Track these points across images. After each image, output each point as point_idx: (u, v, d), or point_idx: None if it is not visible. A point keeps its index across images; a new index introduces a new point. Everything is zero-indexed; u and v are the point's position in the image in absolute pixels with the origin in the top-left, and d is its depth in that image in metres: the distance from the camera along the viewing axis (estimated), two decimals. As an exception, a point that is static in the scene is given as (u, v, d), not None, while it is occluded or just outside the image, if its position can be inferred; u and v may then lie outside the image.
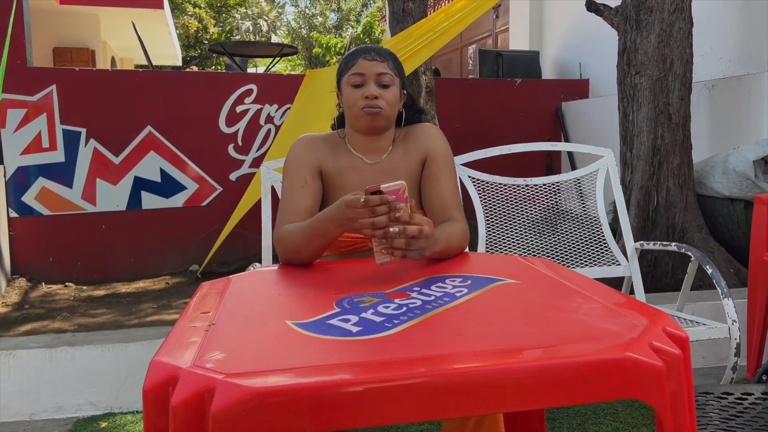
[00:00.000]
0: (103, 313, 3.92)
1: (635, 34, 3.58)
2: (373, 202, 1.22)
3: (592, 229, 2.49)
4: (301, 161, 1.56)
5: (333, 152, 1.59)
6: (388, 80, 1.52)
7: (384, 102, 1.52)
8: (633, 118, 3.63)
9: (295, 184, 1.54)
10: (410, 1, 4.89)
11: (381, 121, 1.53)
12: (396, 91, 1.55)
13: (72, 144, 4.60)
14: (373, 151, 1.59)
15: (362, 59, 1.53)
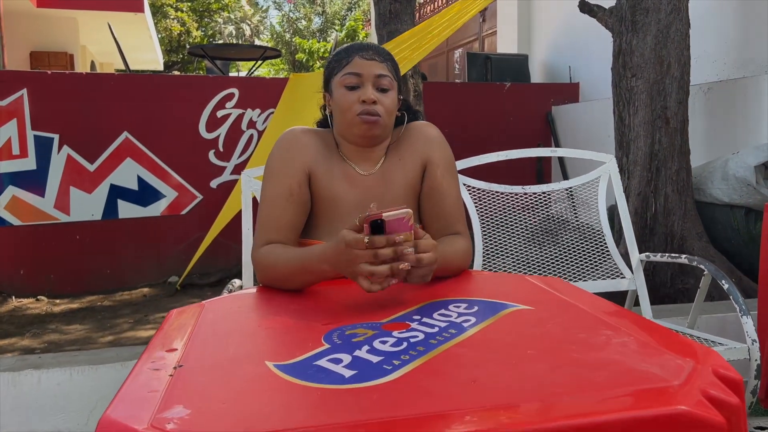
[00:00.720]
0: (76, 329, 3.72)
1: (631, 35, 3.46)
2: (378, 244, 1.05)
3: (595, 240, 2.35)
4: (288, 165, 1.34)
5: (326, 154, 1.39)
6: (388, 84, 1.34)
7: (383, 109, 1.33)
8: (629, 123, 3.51)
9: (279, 193, 1.33)
10: (397, 2, 4.75)
11: (378, 130, 1.34)
12: (395, 97, 1.37)
13: (44, 151, 4.39)
14: (366, 160, 1.40)
15: (359, 57, 1.34)
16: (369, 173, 1.39)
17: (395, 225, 1.06)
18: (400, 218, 1.06)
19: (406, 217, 1.07)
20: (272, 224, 1.32)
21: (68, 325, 3.83)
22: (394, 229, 1.06)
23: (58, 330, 3.71)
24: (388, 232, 1.05)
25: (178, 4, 19.11)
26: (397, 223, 1.06)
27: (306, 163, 1.35)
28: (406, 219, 1.07)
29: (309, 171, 1.36)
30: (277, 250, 1.26)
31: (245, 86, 4.86)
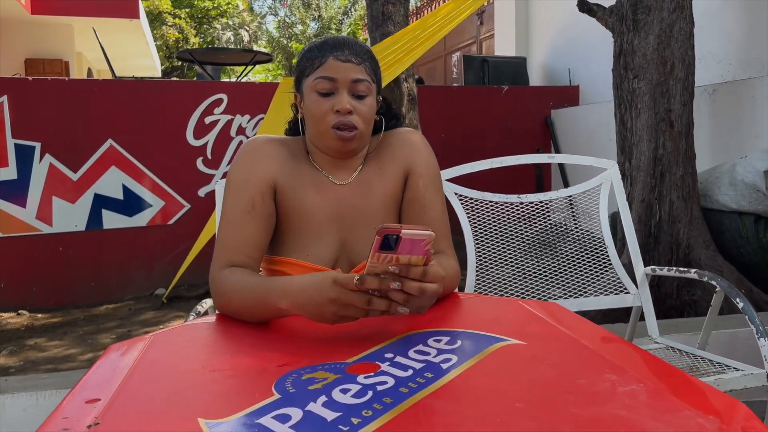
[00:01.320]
0: (55, 346, 3.56)
1: (632, 35, 3.31)
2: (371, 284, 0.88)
3: (596, 252, 2.19)
4: (249, 176, 1.19)
5: (292, 162, 1.23)
6: (365, 89, 1.18)
7: (360, 119, 1.18)
8: (631, 126, 3.35)
9: (239, 207, 1.18)
10: (390, 4, 4.60)
11: (355, 143, 1.20)
12: (373, 102, 1.21)
13: (25, 160, 4.24)
14: (341, 169, 1.25)
15: (333, 58, 1.17)
16: (344, 182, 1.24)
17: (410, 246, 0.88)
18: (420, 240, 0.88)
19: (426, 239, 0.89)
20: (232, 242, 1.16)
21: (48, 341, 3.67)
22: (408, 250, 0.88)
23: (36, 347, 3.55)
24: (399, 251, 0.88)
25: (176, 11, 19.05)
26: (413, 245, 0.88)
27: (270, 174, 1.20)
28: (425, 242, 0.89)
29: (274, 182, 1.21)
30: (235, 277, 1.10)
31: (234, 91, 4.71)
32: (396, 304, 0.91)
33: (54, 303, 4.36)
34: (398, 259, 0.88)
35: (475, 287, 2.07)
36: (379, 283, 0.88)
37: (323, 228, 1.21)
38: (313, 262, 1.20)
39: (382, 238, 0.85)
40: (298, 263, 1.20)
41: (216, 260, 1.16)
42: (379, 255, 0.86)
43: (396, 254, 0.87)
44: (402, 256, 0.88)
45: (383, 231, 0.85)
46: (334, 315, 0.91)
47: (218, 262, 1.15)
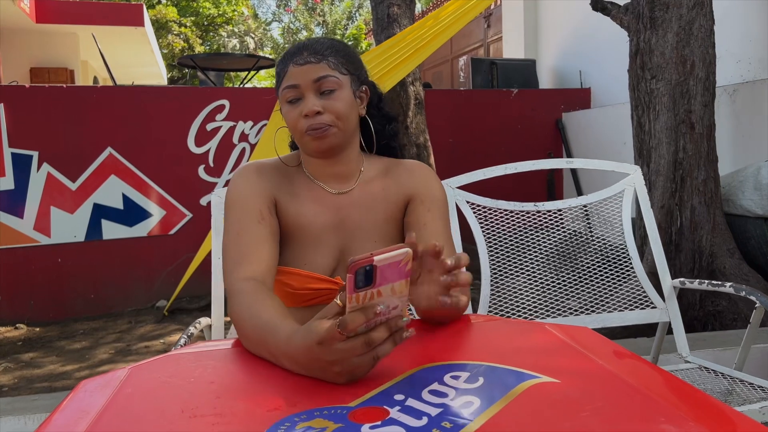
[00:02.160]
0: (51, 362, 3.44)
1: (650, 33, 3.17)
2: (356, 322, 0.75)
3: (619, 264, 2.04)
4: (251, 191, 1.17)
5: (287, 179, 1.23)
6: (332, 84, 1.16)
7: (331, 115, 1.15)
8: (650, 129, 3.20)
9: (247, 219, 1.14)
10: (396, 6, 4.48)
11: (333, 139, 1.17)
12: (347, 94, 1.17)
13: (22, 169, 4.14)
14: (336, 177, 1.23)
15: (292, 65, 1.16)
16: (341, 191, 1.23)
17: (389, 273, 0.76)
18: (396, 262, 0.76)
19: (402, 258, 0.77)
20: (250, 253, 1.11)
21: (45, 357, 3.54)
22: (387, 279, 0.76)
23: (32, 363, 3.43)
24: (378, 283, 0.75)
25: (181, 19, 19.05)
26: (391, 270, 0.76)
27: (269, 190, 1.19)
28: (403, 262, 0.77)
29: (274, 196, 1.20)
30: (250, 299, 1.01)
31: (236, 97, 4.59)
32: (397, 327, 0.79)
33: (52, 316, 4.25)
34: (380, 293, 0.76)
35: (489, 300, 1.94)
36: (364, 315, 0.75)
37: (321, 236, 1.20)
38: (311, 269, 1.18)
39: (354, 275, 0.73)
40: (296, 272, 1.18)
41: (233, 270, 1.09)
42: (357, 295, 0.74)
43: (376, 288, 0.75)
44: (383, 288, 0.76)
45: (353, 266, 0.73)
46: (342, 376, 0.79)
47: (236, 271, 1.08)
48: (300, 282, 1.17)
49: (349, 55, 1.21)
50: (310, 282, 1.17)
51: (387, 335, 0.77)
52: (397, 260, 0.75)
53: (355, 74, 1.20)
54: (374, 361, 0.78)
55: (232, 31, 21.08)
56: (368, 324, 0.75)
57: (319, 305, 1.19)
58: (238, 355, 0.99)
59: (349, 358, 0.76)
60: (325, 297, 1.19)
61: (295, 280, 1.18)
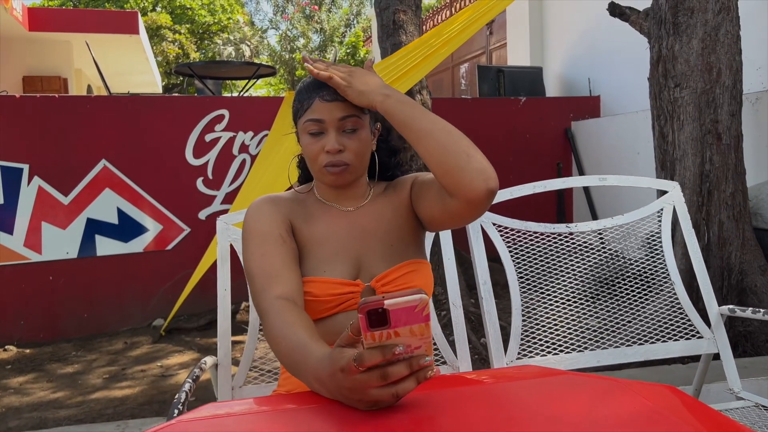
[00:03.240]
0: (41, 388, 3.24)
1: (673, 39, 3.01)
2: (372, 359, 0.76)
3: (662, 290, 1.87)
4: (268, 219, 1.21)
5: (300, 206, 1.28)
6: (353, 123, 1.19)
7: (351, 154, 1.20)
8: (673, 139, 3.05)
9: (272, 241, 1.18)
10: (402, 12, 4.33)
11: (349, 177, 1.22)
12: (365, 134, 1.22)
13: (12, 183, 3.95)
14: (347, 198, 1.29)
15: (319, 100, 1.18)
16: (353, 209, 1.28)
17: (405, 316, 0.74)
18: (411, 306, 0.74)
19: (418, 304, 0.74)
20: (275, 272, 1.14)
21: (34, 382, 3.35)
22: (404, 321, 0.75)
23: (21, 390, 3.24)
24: (394, 325, 0.75)
25: (176, 26, 18.89)
26: (408, 315, 0.74)
27: (285, 215, 1.24)
28: (419, 307, 0.75)
29: (290, 221, 1.24)
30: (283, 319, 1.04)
31: (236, 107, 4.42)
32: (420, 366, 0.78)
33: (44, 337, 4.05)
34: (397, 333, 0.75)
35: (521, 331, 1.77)
36: (382, 354, 0.75)
37: (339, 246, 1.22)
38: (331, 276, 1.19)
39: (366, 316, 0.74)
40: (317, 280, 1.19)
41: (264, 289, 1.11)
42: (372, 334, 0.75)
43: (392, 329, 0.75)
44: (401, 329, 0.75)
45: (364, 307, 0.74)
46: (363, 404, 0.80)
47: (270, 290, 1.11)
48: (322, 289, 1.17)
49: None
50: (332, 287, 1.17)
51: (407, 372, 0.76)
52: (411, 305, 0.74)
53: (374, 112, 1.22)
54: (395, 397, 0.77)
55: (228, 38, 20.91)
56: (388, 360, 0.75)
57: (343, 313, 1.20)
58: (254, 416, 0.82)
59: (365, 389, 0.77)
60: (349, 303, 1.20)
61: (316, 287, 1.18)
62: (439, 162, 1.07)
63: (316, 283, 1.18)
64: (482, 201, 1.05)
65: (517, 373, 0.92)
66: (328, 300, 1.17)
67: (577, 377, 0.98)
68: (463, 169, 1.05)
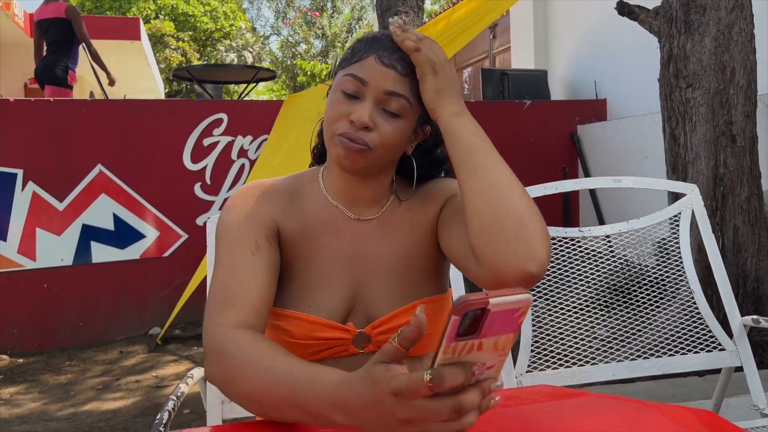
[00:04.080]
0: (32, 399, 3.14)
1: (684, 38, 2.91)
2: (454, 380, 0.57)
3: (679, 299, 1.77)
4: (248, 215, 0.97)
5: (296, 202, 1.02)
6: (398, 107, 0.93)
7: (378, 138, 0.93)
8: (685, 142, 2.94)
9: (241, 250, 0.94)
10: (404, 14, 4.24)
11: (364, 162, 0.95)
12: (407, 127, 0.96)
13: (6, 188, 3.86)
14: (359, 201, 1.01)
15: (375, 58, 0.93)
16: (364, 218, 1.02)
17: (500, 321, 0.58)
18: (513, 309, 0.58)
19: (521, 306, 0.58)
20: (238, 292, 0.90)
21: (26, 393, 3.25)
22: (496, 330, 0.58)
23: (11, 401, 3.14)
24: (484, 333, 0.57)
25: (179, 34, 18.91)
26: (504, 319, 0.58)
27: (271, 215, 0.99)
28: (520, 312, 0.59)
29: (276, 223, 0.99)
30: (252, 351, 0.80)
31: (235, 111, 4.33)
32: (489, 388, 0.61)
33: (38, 346, 3.95)
34: (481, 345, 0.58)
35: (531, 342, 1.66)
36: (463, 373, 0.58)
37: (332, 271, 0.98)
38: (317, 314, 0.96)
39: (462, 318, 0.55)
40: (298, 316, 0.96)
41: (218, 314, 0.87)
42: (456, 344, 0.57)
43: (479, 339, 0.58)
44: (486, 341, 0.58)
45: (463, 306, 0.55)
46: None
47: (224, 317, 0.87)
48: (303, 329, 0.95)
49: None
50: (316, 329, 0.95)
51: (479, 401, 0.59)
52: (513, 308, 0.57)
53: (422, 112, 0.96)
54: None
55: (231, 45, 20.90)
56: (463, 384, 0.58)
57: (333, 359, 0.98)
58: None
59: (431, 421, 0.59)
60: (336, 350, 0.98)
61: (296, 326, 0.95)
62: (480, 214, 0.84)
63: (296, 321, 0.96)
64: (515, 284, 0.81)
65: (532, 394, 0.82)
66: (309, 345, 0.96)
67: (599, 399, 0.87)
68: (508, 240, 0.82)
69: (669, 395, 2.21)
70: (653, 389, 2.29)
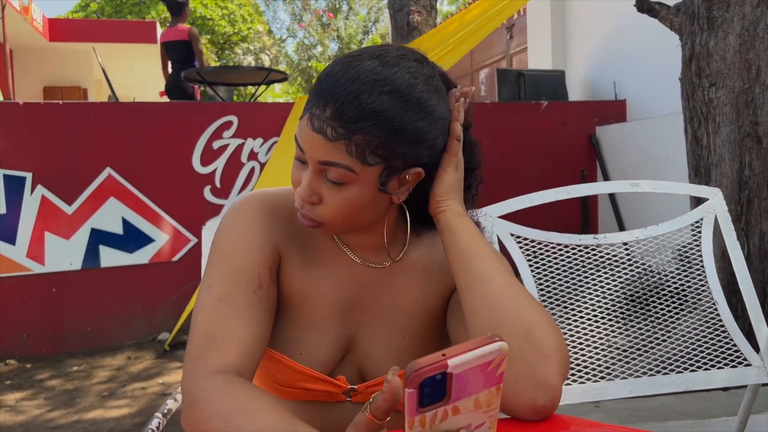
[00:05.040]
0: (36, 406, 3.10)
1: (707, 35, 2.79)
2: None
3: (701, 309, 1.66)
4: (254, 241, 0.84)
5: (304, 232, 0.88)
6: (338, 177, 0.77)
7: (326, 211, 0.80)
8: (708, 143, 2.82)
9: (242, 284, 0.81)
10: (416, 14, 4.16)
11: (328, 232, 0.86)
12: (359, 192, 0.79)
13: (15, 192, 3.83)
14: (367, 248, 0.89)
15: (307, 119, 0.77)
16: (370, 264, 0.90)
17: (472, 379, 0.49)
18: (485, 362, 0.49)
19: (495, 355, 0.50)
20: (228, 332, 0.78)
21: (31, 399, 3.21)
22: (470, 389, 0.50)
23: (16, 407, 3.10)
24: (455, 397, 0.49)
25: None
26: (477, 375, 0.49)
27: (277, 240, 0.86)
28: (495, 361, 0.50)
29: (279, 254, 0.87)
30: (229, 399, 0.70)
31: (245, 113, 4.27)
32: None
33: (46, 351, 3.92)
34: (457, 409, 0.50)
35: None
36: None
37: (329, 318, 0.88)
38: (308, 363, 0.87)
39: (418, 390, 0.47)
40: (287, 363, 0.87)
41: (203, 355, 0.76)
42: (422, 417, 0.48)
43: (451, 404, 0.49)
44: (462, 402, 0.49)
45: (416, 376, 0.47)
46: None
47: (210, 358, 0.76)
48: (290, 378, 0.87)
49: (399, 131, 0.76)
50: (303, 380, 0.87)
51: None
52: (484, 361, 0.49)
53: (399, 158, 0.78)
54: None
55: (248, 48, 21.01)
56: None
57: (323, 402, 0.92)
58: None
59: None
60: (322, 397, 0.91)
61: (284, 373, 0.88)
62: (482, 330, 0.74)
63: (284, 368, 0.88)
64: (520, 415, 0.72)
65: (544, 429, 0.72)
66: (295, 392, 0.89)
67: None
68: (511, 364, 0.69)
69: (691, 411, 2.09)
70: (674, 405, 2.17)
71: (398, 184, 0.81)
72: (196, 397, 0.72)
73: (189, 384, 0.74)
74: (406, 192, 0.82)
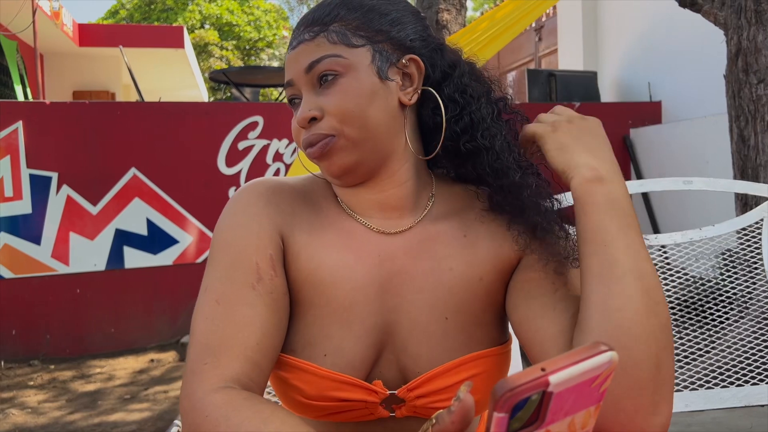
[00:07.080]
0: (58, 408, 3.06)
1: (755, 29, 2.65)
2: None
3: (756, 317, 1.53)
4: (252, 230, 0.73)
5: (311, 209, 0.77)
6: (331, 66, 0.72)
7: (331, 119, 0.72)
8: (756, 143, 2.67)
9: (238, 279, 0.71)
10: (446, 12, 4.07)
11: (344, 157, 0.72)
12: (357, 79, 0.72)
13: (41, 192, 3.82)
14: (384, 209, 0.77)
15: (288, 52, 0.76)
16: (394, 231, 0.76)
17: (569, 399, 0.40)
18: (589, 379, 0.40)
19: (602, 370, 0.40)
20: (227, 340, 0.68)
21: (53, 401, 3.17)
22: (567, 409, 0.41)
23: (38, 409, 3.05)
24: (550, 419, 0.40)
25: (223, 43, 19.23)
26: (575, 396, 0.40)
27: (278, 225, 0.75)
28: (601, 377, 0.41)
29: (283, 240, 0.75)
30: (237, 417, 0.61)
31: (271, 113, 4.21)
32: None
33: (69, 352, 3.89)
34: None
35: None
36: None
37: (355, 305, 0.73)
38: (335, 366, 0.72)
39: (509, 414, 0.38)
40: (312, 369, 0.72)
41: (201, 369, 0.66)
42: None
43: (544, 428, 0.40)
44: (555, 426, 0.40)
45: (511, 398, 0.37)
46: None
47: (209, 372, 0.66)
48: (316, 386, 0.72)
49: (373, 9, 0.74)
50: (333, 387, 0.72)
51: None
52: (590, 377, 0.40)
53: (385, 39, 0.73)
54: None
55: (273, 54, 21.13)
56: None
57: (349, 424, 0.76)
58: None
59: None
60: (358, 413, 0.74)
61: (308, 382, 0.72)
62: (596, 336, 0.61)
63: (307, 375, 0.73)
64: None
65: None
66: (326, 407, 0.73)
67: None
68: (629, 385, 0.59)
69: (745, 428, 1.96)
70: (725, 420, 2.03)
71: (400, 78, 0.74)
72: (194, 423, 0.63)
73: (188, 405, 0.65)
74: (414, 93, 0.75)
